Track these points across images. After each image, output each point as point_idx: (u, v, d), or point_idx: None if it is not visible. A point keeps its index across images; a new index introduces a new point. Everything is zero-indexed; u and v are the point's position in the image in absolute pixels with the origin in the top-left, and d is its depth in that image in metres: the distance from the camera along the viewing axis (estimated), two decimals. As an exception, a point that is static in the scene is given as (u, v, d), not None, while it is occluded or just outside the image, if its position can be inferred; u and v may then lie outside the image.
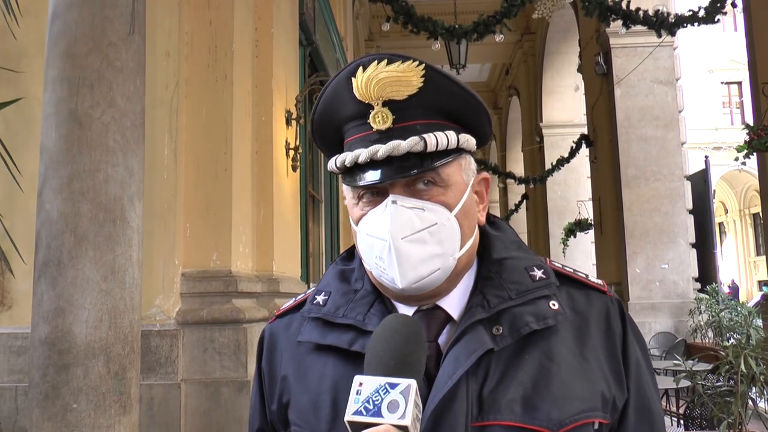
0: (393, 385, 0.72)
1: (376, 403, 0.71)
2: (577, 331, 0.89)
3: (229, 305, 3.59)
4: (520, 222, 17.72)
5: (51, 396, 2.24)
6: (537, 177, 13.36)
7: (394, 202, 0.85)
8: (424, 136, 0.85)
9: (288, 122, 4.76)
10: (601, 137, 10.27)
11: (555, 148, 13.63)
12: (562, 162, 12.04)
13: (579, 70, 11.55)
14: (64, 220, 2.31)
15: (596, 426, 0.86)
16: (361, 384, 0.73)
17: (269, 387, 0.98)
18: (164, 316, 3.49)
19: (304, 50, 6.00)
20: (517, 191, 16.93)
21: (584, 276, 0.97)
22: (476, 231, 0.93)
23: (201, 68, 3.80)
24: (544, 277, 0.90)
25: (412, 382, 0.72)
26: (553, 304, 0.88)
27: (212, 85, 3.80)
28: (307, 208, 5.96)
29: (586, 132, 11.25)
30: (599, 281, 0.97)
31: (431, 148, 0.85)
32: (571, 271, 0.96)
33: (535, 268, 0.91)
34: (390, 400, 0.71)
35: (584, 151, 11.21)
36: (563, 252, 13.31)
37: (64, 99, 2.37)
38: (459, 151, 0.89)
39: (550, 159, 13.21)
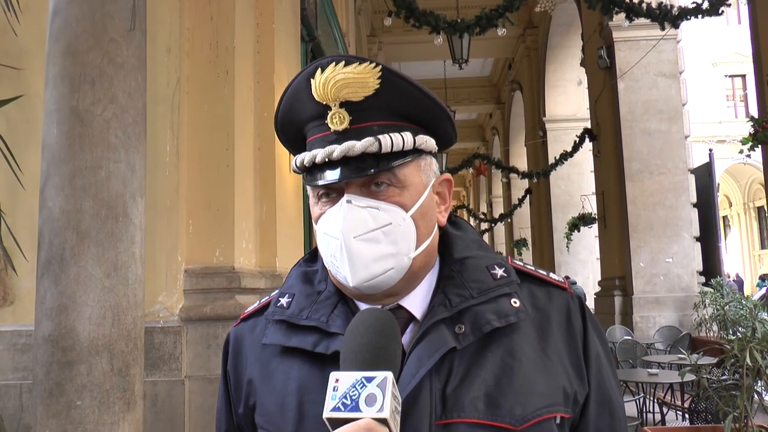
0: (369, 379, 0.72)
1: (354, 398, 0.71)
2: (539, 328, 0.91)
3: (232, 301, 3.59)
4: (523, 217, 17.71)
5: (55, 393, 2.24)
6: (540, 171, 13.34)
7: (348, 201, 0.86)
8: (379, 136, 0.85)
9: (290, 118, 4.74)
10: (605, 131, 10.24)
11: (558, 142, 13.62)
12: (565, 156, 12.02)
13: (582, 63, 11.51)
14: (66, 217, 2.31)
15: (558, 420, 0.88)
16: (337, 380, 0.73)
17: (235, 390, 0.99)
18: (167, 312, 3.49)
19: (306, 46, 5.98)
20: (520, 186, 16.92)
21: (545, 274, 0.98)
22: (435, 231, 0.94)
23: (202, 64, 3.79)
24: (505, 275, 0.91)
25: (389, 374, 0.72)
26: (515, 302, 0.89)
27: (214, 81, 3.79)
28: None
29: (589, 126, 11.23)
30: (560, 278, 0.98)
31: (386, 149, 0.85)
32: (532, 269, 0.97)
33: (496, 267, 0.92)
34: (367, 394, 0.71)
35: (587, 145, 11.20)
36: (567, 246, 13.30)
37: (65, 96, 2.37)
38: (417, 152, 0.90)
39: (553, 153, 13.21)
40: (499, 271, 0.92)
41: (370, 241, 0.85)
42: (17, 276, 3.36)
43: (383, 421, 0.70)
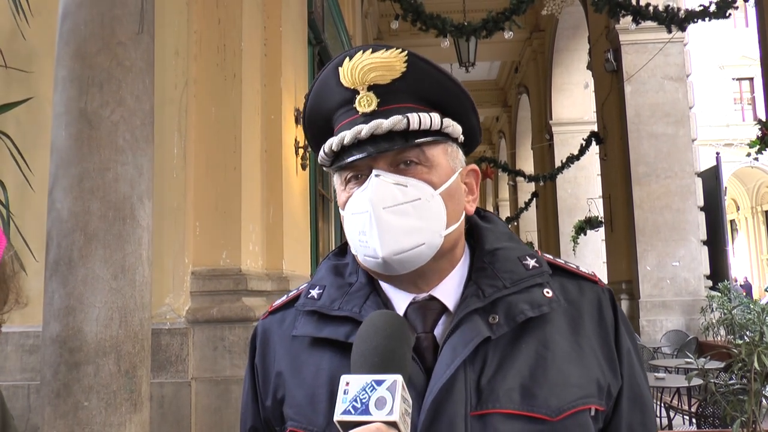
0: (379, 382, 0.72)
1: (364, 401, 0.72)
2: (571, 320, 0.91)
3: (239, 303, 3.60)
4: (530, 220, 17.67)
5: (62, 394, 2.25)
6: (547, 175, 13.30)
7: (377, 175, 0.86)
8: (408, 114, 0.87)
9: (297, 121, 4.76)
10: (612, 134, 10.21)
11: (565, 145, 13.57)
12: (572, 159, 11.98)
13: (589, 67, 11.49)
14: (74, 219, 2.32)
15: (592, 413, 0.87)
16: (348, 383, 0.74)
17: (263, 384, 0.98)
18: (174, 314, 3.50)
19: (312, 49, 6.00)
20: (527, 189, 16.86)
21: (575, 267, 0.98)
22: (463, 217, 0.94)
23: (210, 67, 3.81)
24: (536, 265, 0.91)
25: (398, 378, 0.72)
26: (547, 292, 0.89)
27: (221, 84, 3.81)
28: (316, 206, 5.96)
29: (596, 129, 11.19)
30: (590, 272, 0.98)
31: (414, 126, 0.86)
32: (563, 262, 0.97)
33: (527, 257, 0.92)
34: (377, 397, 0.71)
35: (594, 148, 11.16)
36: (573, 250, 13.25)
37: (74, 98, 2.38)
38: (443, 135, 0.91)
39: (560, 156, 13.16)
40: (531, 262, 0.92)
41: (400, 214, 0.85)
42: (26, 277, 3.37)
43: (393, 424, 0.70)
